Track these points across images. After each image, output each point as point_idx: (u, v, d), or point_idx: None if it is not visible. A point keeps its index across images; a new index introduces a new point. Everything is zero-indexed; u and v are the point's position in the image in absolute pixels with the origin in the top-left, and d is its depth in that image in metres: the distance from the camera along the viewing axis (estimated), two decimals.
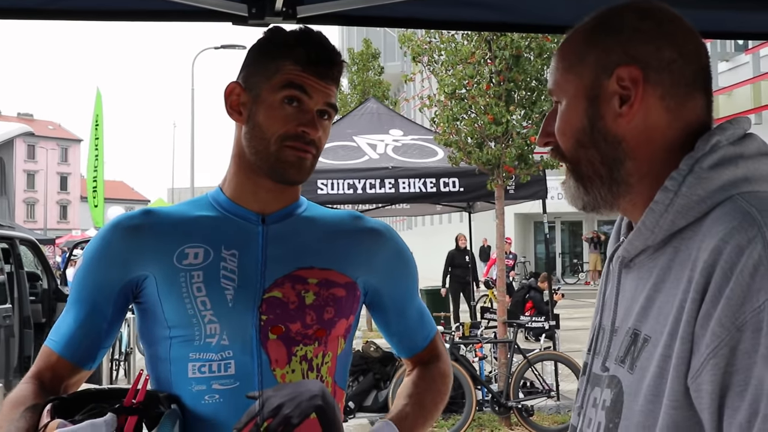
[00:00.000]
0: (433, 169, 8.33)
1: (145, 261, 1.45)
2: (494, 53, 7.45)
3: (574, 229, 32.28)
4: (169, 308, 1.42)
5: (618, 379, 1.01)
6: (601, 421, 1.03)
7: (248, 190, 1.50)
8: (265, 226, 1.50)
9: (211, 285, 1.42)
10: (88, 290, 1.47)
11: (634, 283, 1.05)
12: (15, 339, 7.35)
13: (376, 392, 8.01)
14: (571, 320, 14.35)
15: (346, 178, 8.14)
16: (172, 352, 1.43)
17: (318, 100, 1.45)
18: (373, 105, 10.76)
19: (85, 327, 1.46)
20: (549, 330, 8.27)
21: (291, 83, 1.43)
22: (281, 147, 1.43)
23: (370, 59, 19.74)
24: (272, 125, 1.43)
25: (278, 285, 1.45)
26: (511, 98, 7.54)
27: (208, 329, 1.41)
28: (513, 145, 7.37)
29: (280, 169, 1.44)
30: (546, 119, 1.13)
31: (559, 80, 1.09)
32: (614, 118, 1.03)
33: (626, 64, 1.02)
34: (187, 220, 1.49)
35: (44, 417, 1.27)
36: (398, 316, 1.62)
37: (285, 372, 1.43)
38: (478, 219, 12.66)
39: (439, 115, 7.83)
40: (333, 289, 1.48)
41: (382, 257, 1.57)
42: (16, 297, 7.68)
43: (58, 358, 1.45)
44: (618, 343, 1.04)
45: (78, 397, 1.36)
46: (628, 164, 1.03)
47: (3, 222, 8.52)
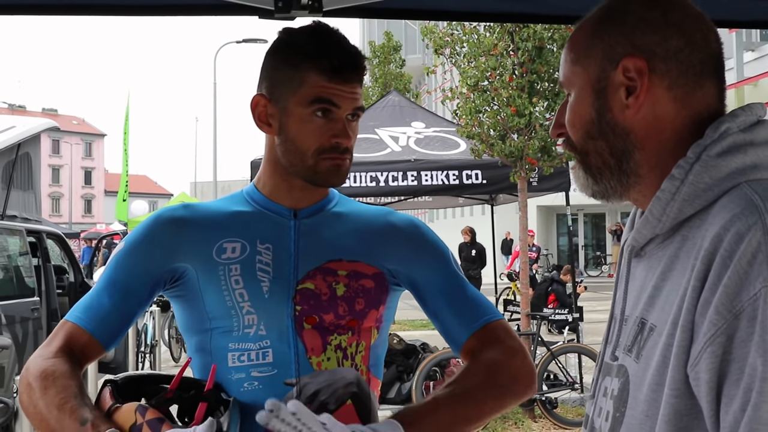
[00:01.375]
0: (455, 161, 8.32)
1: (186, 253, 1.50)
2: (517, 45, 7.42)
3: (597, 221, 32.08)
4: (210, 300, 1.47)
5: (625, 368, 1.02)
6: (609, 410, 1.03)
7: (283, 189, 1.54)
8: (297, 220, 1.54)
9: (248, 278, 1.47)
10: (125, 274, 1.51)
11: (644, 272, 1.05)
12: (43, 331, 7.45)
13: (400, 384, 8.02)
14: (594, 312, 14.28)
15: (368, 171, 8.15)
16: (212, 342, 1.48)
17: (347, 107, 1.47)
18: (395, 98, 10.76)
19: (119, 309, 1.49)
20: (572, 322, 8.24)
21: (319, 98, 1.44)
22: (318, 160, 1.46)
23: (392, 52, 19.70)
24: (306, 139, 1.46)
25: (310, 277, 1.49)
26: (534, 90, 7.51)
27: (246, 320, 1.45)
28: (536, 137, 7.35)
29: (320, 178, 1.49)
30: (559, 111, 1.13)
31: (568, 72, 1.09)
32: (621, 110, 1.03)
33: (632, 55, 1.01)
34: (224, 215, 1.54)
35: (107, 399, 1.30)
36: (440, 300, 1.57)
37: (321, 360, 1.47)
38: (501, 211, 12.62)
39: (462, 107, 7.82)
40: (362, 281, 1.51)
41: (409, 247, 1.58)
42: (43, 290, 7.78)
43: (90, 338, 1.47)
44: (626, 333, 1.04)
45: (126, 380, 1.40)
46: (637, 155, 1.03)
47: (30, 216, 8.63)
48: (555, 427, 7.09)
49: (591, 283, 20.92)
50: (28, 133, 8.46)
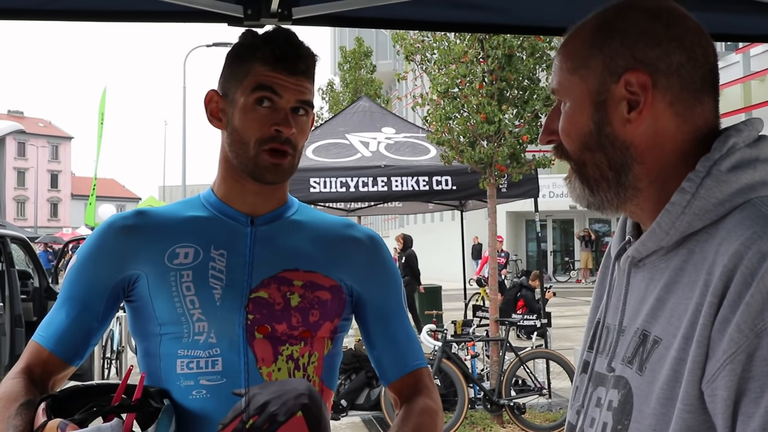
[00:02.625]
0: (425, 167, 8.35)
1: (138, 260, 1.48)
2: (487, 52, 7.47)
3: (565, 227, 32.36)
4: (160, 306, 1.45)
5: (626, 380, 1.00)
6: (608, 421, 1.02)
7: (236, 192, 1.53)
8: (254, 227, 1.52)
9: (199, 284, 1.45)
10: (80, 288, 1.49)
11: (643, 283, 1.04)
12: (6, 337, 7.33)
13: (369, 390, 8.01)
14: (562, 318, 14.39)
15: (338, 176, 8.15)
16: (162, 348, 1.46)
17: (289, 98, 1.46)
18: (366, 103, 10.77)
19: (77, 324, 1.48)
20: (540, 328, 8.29)
21: (260, 84, 1.45)
22: (259, 152, 1.45)
23: (362, 57, 19.73)
24: (248, 129, 1.46)
25: (264, 285, 1.47)
26: (504, 97, 7.56)
27: (197, 327, 1.43)
28: (505, 144, 7.40)
29: (258, 173, 1.47)
30: (549, 117, 1.11)
31: (563, 81, 1.07)
32: (622, 124, 1.01)
33: (634, 69, 1.00)
34: (178, 220, 1.52)
35: (39, 415, 1.28)
36: (382, 330, 1.59)
37: (271, 370, 1.45)
38: (470, 217, 12.71)
39: (432, 113, 7.85)
40: (318, 292, 1.50)
41: (366, 265, 1.57)
42: (7, 295, 7.66)
43: (49, 354, 1.46)
44: (625, 344, 1.03)
45: (69, 394, 1.37)
46: (636, 169, 1.02)
47: None
48: None
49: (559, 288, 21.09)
50: None
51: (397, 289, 1.62)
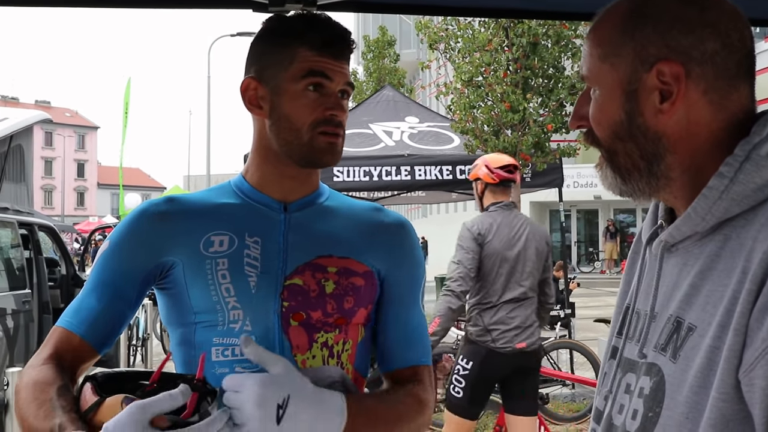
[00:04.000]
0: (449, 156, 8.32)
1: (173, 247, 1.46)
2: (511, 40, 7.43)
3: (589, 218, 32.15)
4: (195, 294, 1.44)
5: (658, 367, 0.98)
6: (638, 408, 1.00)
7: (272, 179, 1.52)
8: (287, 214, 1.51)
9: (235, 272, 1.44)
10: (112, 274, 1.48)
11: (676, 268, 1.02)
12: (34, 324, 7.42)
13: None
14: (586, 309, 14.31)
15: (362, 166, 8.16)
16: (196, 336, 1.45)
17: (339, 82, 1.46)
18: (389, 92, 10.75)
19: (108, 310, 1.46)
20: (564, 318, 8.25)
21: (311, 70, 1.44)
22: (314, 135, 1.44)
23: (386, 46, 19.69)
24: (300, 114, 1.44)
25: (299, 272, 1.46)
26: (528, 86, 7.52)
27: (232, 315, 1.43)
28: (529, 132, 7.36)
29: (315, 156, 1.46)
30: (578, 101, 1.08)
31: (594, 68, 1.05)
32: (654, 114, 0.99)
33: (667, 60, 0.98)
34: (211, 207, 1.51)
35: (88, 396, 1.27)
36: (396, 318, 1.57)
37: (306, 357, 1.44)
38: None
39: (456, 102, 7.83)
40: (352, 278, 1.49)
41: (394, 251, 1.56)
42: (35, 282, 7.75)
43: (80, 341, 1.45)
44: (657, 330, 1.01)
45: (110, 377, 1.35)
46: (669, 158, 1.00)
47: (22, 208, 8.59)
48: (546, 423, 7.11)
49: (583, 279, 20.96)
50: (20, 125, 8.42)
51: (418, 280, 1.61)
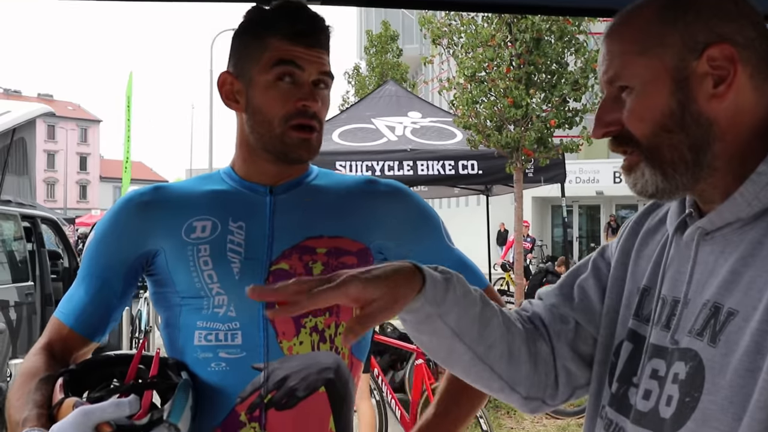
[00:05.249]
0: (451, 151, 8.33)
1: (156, 236, 1.46)
2: (515, 36, 7.42)
3: (591, 213, 32.13)
4: (179, 280, 1.44)
5: (695, 352, 0.97)
6: (673, 394, 0.99)
7: (258, 171, 1.49)
8: (273, 196, 1.48)
9: (217, 258, 1.42)
10: (98, 265, 1.49)
11: (712, 256, 1.01)
12: (37, 316, 7.44)
13: (393, 373, 8.04)
14: None
15: (364, 160, 8.16)
16: (181, 318, 1.45)
17: (311, 71, 1.41)
18: (392, 87, 10.75)
19: (96, 301, 1.47)
20: None
21: (281, 60, 1.40)
22: (285, 129, 1.41)
23: (389, 41, 19.68)
24: (272, 107, 1.41)
25: (285, 257, 1.43)
26: (531, 81, 7.52)
27: (216, 300, 1.41)
28: (532, 128, 7.36)
29: (287, 151, 1.43)
30: (602, 109, 1.07)
31: (629, 65, 1.04)
32: (707, 100, 0.99)
33: (717, 43, 0.98)
34: (196, 194, 1.50)
35: (57, 392, 1.28)
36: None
37: (292, 344, 1.42)
38: (496, 203, 12.65)
39: (459, 97, 7.83)
40: (343, 258, 1.45)
41: (399, 220, 1.51)
42: (37, 275, 7.76)
43: (69, 331, 1.47)
44: (691, 316, 1.00)
45: (86, 366, 1.37)
46: (717, 147, 1.00)
47: (25, 201, 8.61)
48: (547, 417, 7.12)
49: None
50: (23, 118, 8.43)
51: (435, 230, 1.55)
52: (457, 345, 1.11)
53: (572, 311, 1.22)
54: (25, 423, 1.23)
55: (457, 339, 1.11)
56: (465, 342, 1.11)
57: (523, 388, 1.18)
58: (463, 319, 1.10)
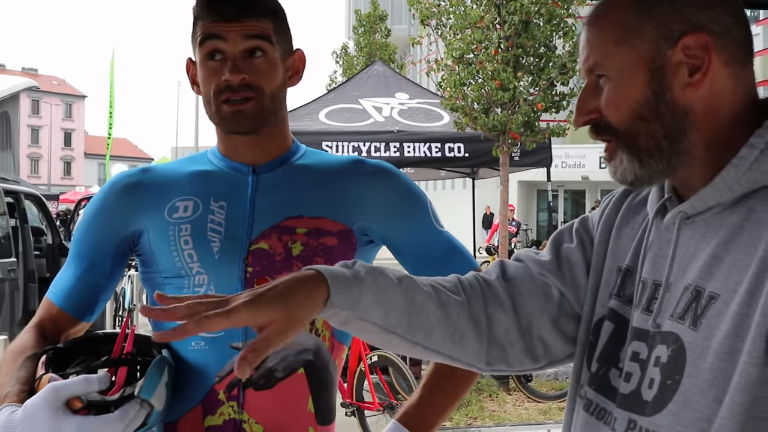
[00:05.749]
0: (438, 134, 8.32)
1: (141, 217, 1.48)
2: (503, 18, 7.40)
3: (577, 198, 32.26)
4: (161, 260, 1.45)
5: (676, 335, 0.99)
6: (655, 377, 1.00)
7: (236, 147, 1.50)
8: (256, 176, 1.49)
9: (197, 238, 1.43)
10: (87, 246, 1.51)
11: (693, 240, 1.02)
12: (19, 293, 7.40)
13: None
14: None
15: (350, 141, 8.15)
16: None
17: (235, 41, 1.40)
18: (380, 68, 10.71)
19: (84, 281, 1.49)
20: None
21: (204, 37, 1.41)
22: (218, 104, 1.41)
23: (377, 21, 19.57)
24: (205, 85, 1.42)
25: (265, 236, 1.44)
26: (519, 64, 7.51)
27: (197, 279, 1.43)
28: (519, 111, 7.36)
29: (223, 125, 1.44)
30: (582, 97, 1.08)
31: (607, 53, 1.04)
32: (682, 89, 1.00)
33: (692, 32, 0.99)
34: (181, 175, 1.51)
35: (39, 368, 1.29)
36: (416, 258, 1.51)
37: None
38: (482, 186, 12.68)
39: (446, 79, 7.81)
40: (323, 239, 1.45)
41: (384, 200, 1.50)
42: (20, 251, 7.72)
43: (59, 311, 1.49)
44: (673, 300, 1.01)
45: (73, 344, 1.39)
46: (694, 135, 1.01)
47: (8, 176, 8.54)
48: (529, 400, 7.18)
49: None
50: (7, 92, 8.35)
51: (423, 211, 1.53)
52: (391, 337, 1.09)
53: (559, 282, 1.19)
54: (5, 398, 1.25)
55: (389, 332, 1.08)
56: (398, 333, 1.08)
57: (479, 362, 1.16)
58: (391, 314, 1.07)
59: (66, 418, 1.18)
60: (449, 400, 1.49)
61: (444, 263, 1.50)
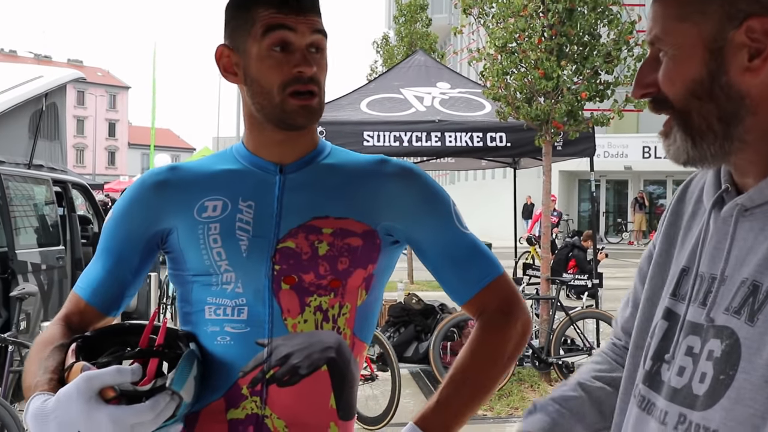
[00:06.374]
0: (480, 123, 8.27)
1: (170, 215, 1.50)
2: (547, 6, 7.31)
3: (619, 188, 31.85)
4: (190, 258, 1.47)
5: (731, 330, 0.97)
6: (707, 371, 0.99)
7: (265, 143, 1.51)
8: (283, 175, 1.50)
9: (226, 236, 1.45)
10: (115, 241, 1.53)
11: (751, 233, 1.00)
12: (67, 280, 7.56)
13: (417, 344, 8.09)
14: (613, 279, 14.24)
15: (392, 131, 8.13)
16: (193, 294, 1.48)
17: (304, 33, 1.42)
18: (421, 57, 10.67)
19: (112, 276, 1.52)
20: (591, 288, 8.24)
21: (270, 27, 1.41)
22: (284, 98, 1.42)
23: (418, 11, 19.47)
24: (268, 76, 1.42)
25: (292, 235, 1.45)
26: (563, 53, 7.41)
27: (225, 277, 1.44)
28: (563, 101, 7.26)
29: (288, 119, 1.44)
30: (641, 70, 1.07)
31: (669, 28, 1.03)
32: (740, 72, 0.98)
33: (758, 15, 0.96)
34: (209, 174, 1.52)
35: (69, 356, 1.31)
36: (440, 258, 1.53)
37: (297, 322, 1.43)
38: (522, 175, 12.57)
39: (488, 68, 7.73)
40: (348, 239, 1.46)
41: (407, 200, 1.51)
42: (68, 239, 7.88)
43: (86, 305, 1.52)
44: (729, 294, 0.99)
45: (101, 334, 1.41)
46: (749, 120, 0.98)
47: (56, 166, 8.70)
48: None
49: (611, 249, 20.86)
50: (55, 83, 8.48)
51: (445, 212, 1.54)
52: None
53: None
54: (35, 387, 1.27)
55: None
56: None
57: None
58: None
59: (99, 407, 1.20)
60: (467, 406, 1.48)
61: (467, 264, 1.52)
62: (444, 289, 1.56)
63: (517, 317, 1.53)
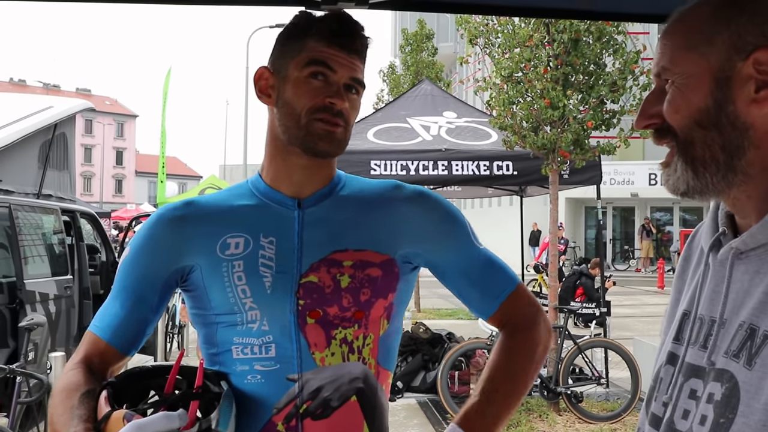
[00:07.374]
0: (486, 152, 8.30)
1: (191, 252, 1.50)
2: (552, 36, 7.36)
3: (625, 215, 31.81)
4: (214, 296, 1.47)
5: (731, 373, 0.97)
6: (708, 414, 0.99)
7: (284, 173, 1.52)
8: (301, 210, 1.52)
9: (250, 273, 1.45)
10: (134, 280, 1.52)
11: (747, 276, 1.00)
12: (75, 309, 7.55)
13: (425, 373, 8.06)
14: (621, 307, 14.18)
15: (399, 159, 8.17)
16: (218, 335, 1.49)
17: (343, 74, 1.46)
18: (427, 87, 10.73)
19: (132, 316, 1.51)
20: (600, 317, 8.20)
21: (314, 59, 1.45)
22: (310, 120, 1.45)
23: (424, 40, 19.61)
24: (300, 100, 1.46)
25: (314, 270, 1.47)
26: (569, 82, 7.45)
27: (249, 315, 1.45)
28: (569, 129, 7.29)
29: (311, 142, 1.46)
30: (646, 101, 1.07)
31: (676, 58, 1.03)
32: (747, 104, 0.98)
33: (765, 48, 0.96)
34: (228, 209, 1.53)
35: (102, 405, 1.31)
36: (461, 278, 1.56)
37: (324, 355, 1.45)
38: (528, 203, 12.58)
39: (495, 98, 7.78)
40: (368, 270, 1.48)
41: (423, 224, 1.54)
42: (76, 268, 7.89)
43: (106, 345, 1.50)
44: (728, 337, 1.00)
45: (125, 378, 1.40)
46: (752, 153, 0.98)
47: (65, 195, 8.74)
48: (579, 421, 7.08)
49: (618, 277, 20.78)
50: (65, 113, 8.56)
51: (462, 231, 1.58)
52: None
53: None
54: None
55: None
56: None
57: None
58: None
59: None
60: (507, 406, 1.50)
61: (487, 280, 1.57)
62: (466, 305, 1.61)
63: (540, 321, 1.59)
